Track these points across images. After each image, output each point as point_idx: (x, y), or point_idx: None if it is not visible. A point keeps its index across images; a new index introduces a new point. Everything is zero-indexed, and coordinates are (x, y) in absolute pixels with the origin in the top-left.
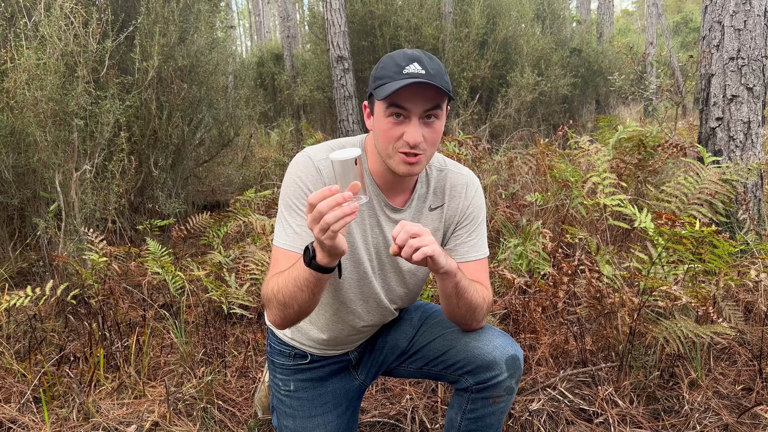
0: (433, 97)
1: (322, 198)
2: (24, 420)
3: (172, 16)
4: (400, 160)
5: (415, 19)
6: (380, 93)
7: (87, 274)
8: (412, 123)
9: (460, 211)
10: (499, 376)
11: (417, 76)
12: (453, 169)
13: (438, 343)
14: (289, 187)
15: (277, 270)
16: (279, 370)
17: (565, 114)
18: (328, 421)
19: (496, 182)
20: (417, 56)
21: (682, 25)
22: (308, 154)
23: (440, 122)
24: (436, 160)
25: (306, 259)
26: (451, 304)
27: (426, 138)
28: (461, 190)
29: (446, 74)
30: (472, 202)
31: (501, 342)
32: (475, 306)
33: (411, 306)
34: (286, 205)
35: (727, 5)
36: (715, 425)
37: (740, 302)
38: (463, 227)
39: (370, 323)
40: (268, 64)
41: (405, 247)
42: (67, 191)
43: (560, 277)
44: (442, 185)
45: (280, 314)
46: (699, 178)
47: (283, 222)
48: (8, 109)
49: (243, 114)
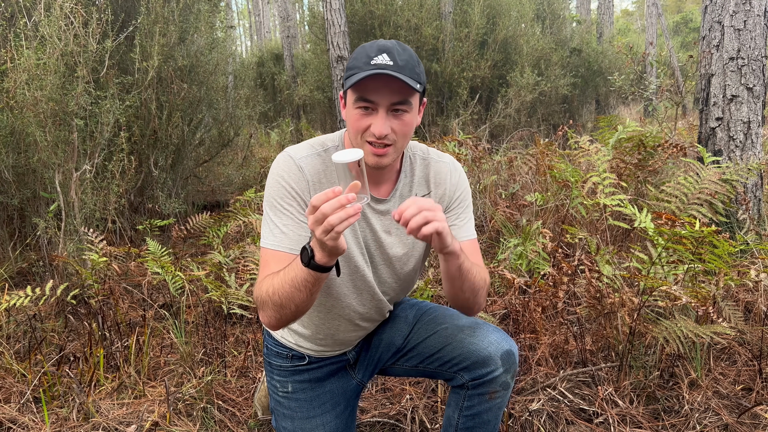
0: (400, 89)
1: (326, 200)
2: (24, 420)
3: (172, 16)
4: (368, 151)
5: (415, 19)
6: (347, 83)
7: (87, 274)
8: (379, 115)
9: (448, 197)
10: (495, 372)
11: (383, 67)
12: (436, 158)
13: (433, 340)
14: (272, 187)
15: (267, 271)
16: (276, 372)
17: (565, 114)
18: (327, 422)
19: (496, 182)
20: (387, 47)
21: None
22: (289, 153)
23: (411, 114)
24: (420, 150)
25: (304, 259)
26: (455, 287)
27: (395, 130)
28: (446, 176)
29: (419, 65)
30: (458, 186)
31: (496, 337)
32: (478, 288)
33: (406, 304)
34: (271, 205)
35: (727, 5)
36: (715, 425)
37: (740, 302)
38: (452, 210)
39: (366, 317)
40: (268, 64)
41: (417, 217)
42: (67, 191)
43: (560, 277)
44: (427, 174)
45: (275, 315)
46: (699, 178)
47: (269, 223)
48: (8, 109)
49: (243, 114)
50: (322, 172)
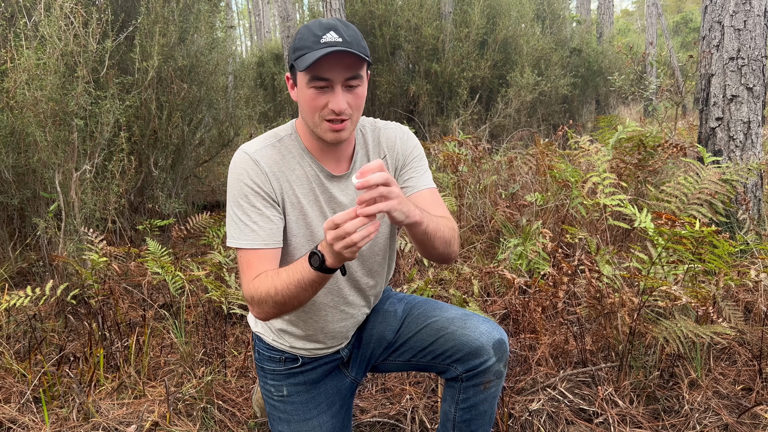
0: (353, 64)
1: (349, 219)
2: (24, 420)
3: (172, 16)
4: (327, 128)
5: (415, 19)
6: (301, 64)
7: (87, 274)
8: (336, 92)
9: (403, 156)
10: (488, 362)
11: (335, 44)
12: (383, 126)
13: (424, 334)
14: (234, 187)
15: (254, 271)
16: (270, 377)
17: (565, 114)
18: (324, 422)
19: (496, 182)
20: (333, 25)
21: (682, 25)
22: (244, 149)
23: (362, 87)
24: (367, 122)
25: (315, 264)
26: (427, 247)
27: (351, 104)
28: (396, 139)
29: (362, 40)
30: (408, 143)
31: (486, 328)
32: (449, 240)
33: (394, 298)
34: (237, 204)
35: (727, 5)
36: (715, 425)
37: (740, 302)
38: (410, 165)
39: (350, 301)
40: (268, 64)
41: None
42: (67, 191)
43: (560, 277)
44: (378, 141)
45: (273, 312)
46: (699, 178)
47: (239, 223)
48: (8, 109)
49: (243, 114)
50: (279, 161)
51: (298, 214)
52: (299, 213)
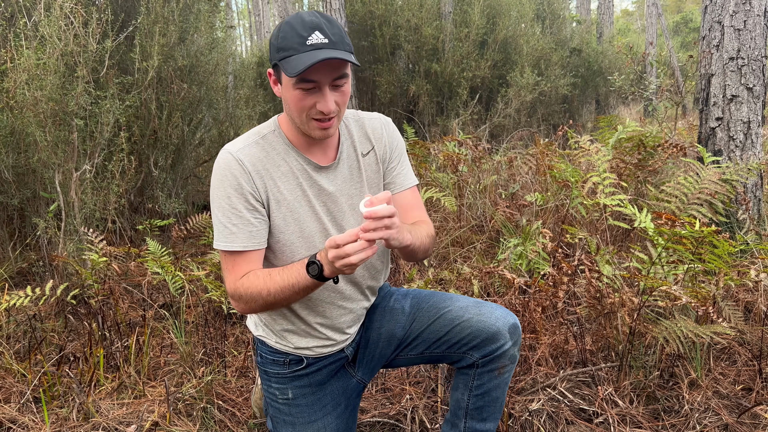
0: (340, 65)
1: (350, 241)
2: (24, 420)
3: (172, 16)
4: (315, 127)
5: (415, 19)
6: (289, 69)
7: (87, 274)
8: (324, 92)
9: (389, 148)
10: (505, 346)
11: (321, 46)
12: (366, 116)
13: (438, 325)
14: (216, 188)
15: (239, 271)
16: (275, 380)
17: (565, 114)
18: (328, 423)
19: (496, 182)
20: (317, 23)
21: (682, 25)
22: (227, 149)
23: (348, 83)
24: (349, 113)
25: (313, 272)
26: (408, 257)
27: (337, 102)
28: (381, 130)
29: (346, 36)
30: (392, 136)
31: (501, 313)
32: (427, 248)
33: (398, 294)
34: (219, 206)
35: (727, 5)
36: (715, 425)
37: (740, 302)
38: (394, 159)
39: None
40: (268, 64)
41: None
42: (67, 191)
43: (560, 277)
44: (363, 131)
45: (260, 309)
46: (699, 178)
47: (222, 225)
48: (8, 109)
49: (243, 114)
50: (263, 159)
51: (285, 212)
52: (286, 210)
